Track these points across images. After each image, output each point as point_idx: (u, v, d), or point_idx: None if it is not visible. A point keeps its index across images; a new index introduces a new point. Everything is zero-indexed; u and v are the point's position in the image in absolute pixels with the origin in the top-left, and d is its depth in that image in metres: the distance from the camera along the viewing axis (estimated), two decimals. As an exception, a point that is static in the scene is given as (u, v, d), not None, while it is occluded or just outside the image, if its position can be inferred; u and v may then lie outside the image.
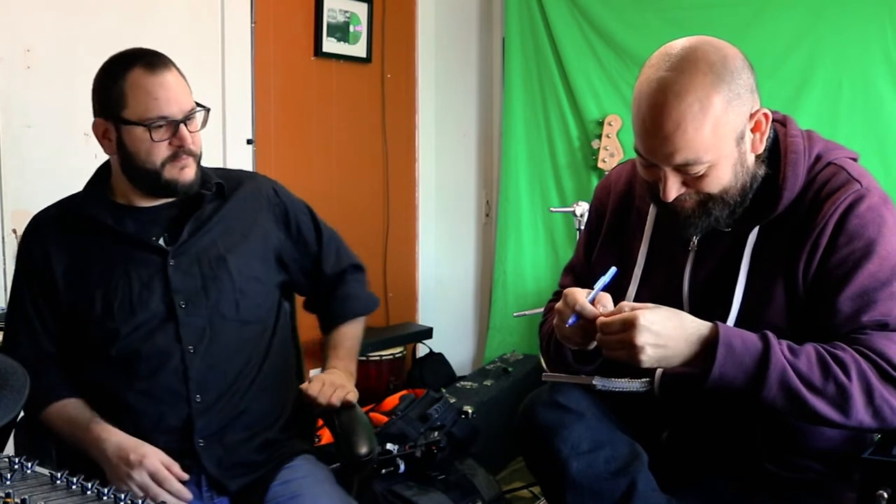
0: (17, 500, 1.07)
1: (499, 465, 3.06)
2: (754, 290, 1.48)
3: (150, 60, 1.66)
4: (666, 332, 1.37)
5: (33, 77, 2.54)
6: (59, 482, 1.17)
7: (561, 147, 3.76)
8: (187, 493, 1.59)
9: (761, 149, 1.47)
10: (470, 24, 4.09)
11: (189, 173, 1.70)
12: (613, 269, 1.51)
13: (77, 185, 1.83)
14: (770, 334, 1.39)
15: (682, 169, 1.42)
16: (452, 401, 2.88)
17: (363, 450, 1.75)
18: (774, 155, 1.50)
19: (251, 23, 3.15)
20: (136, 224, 1.73)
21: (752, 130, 1.45)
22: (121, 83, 1.65)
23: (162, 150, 1.66)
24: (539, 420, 1.52)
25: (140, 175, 1.69)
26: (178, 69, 1.70)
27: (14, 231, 2.48)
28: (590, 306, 1.44)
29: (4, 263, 2.47)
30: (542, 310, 1.82)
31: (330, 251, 1.97)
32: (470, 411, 2.83)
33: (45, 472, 1.19)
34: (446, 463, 2.59)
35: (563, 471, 1.47)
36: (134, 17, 2.75)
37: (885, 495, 1.27)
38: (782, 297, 1.46)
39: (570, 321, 1.45)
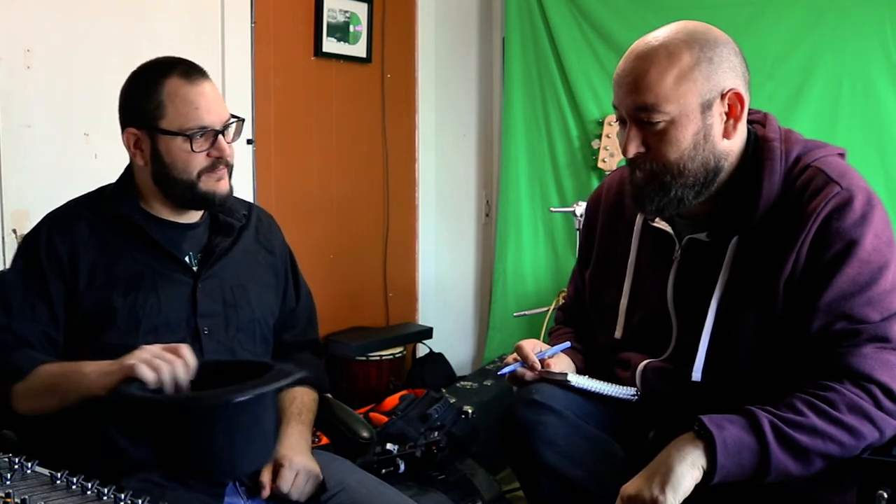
0: (17, 500, 1.07)
1: (499, 465, 3.06)
2: (731, 301, 1.47)
3: (187, 69, 1.63)
4: (643, 476, 1.38)
5: (33, 77, 2.54)
6: (59, 482, 1.16)
7: (561, 147, 3.76)
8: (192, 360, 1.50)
9: (734, 136, 1.46)
10: (470, 24, 4.09)
11: (225, 185, 1.68)
12: (567, 344, 1.67)
13: (77, 185, 1.82)
14: (757, 414, 1.36)
15: (642, 118, 1.43)
16: (452, 401, 2.88)
17: (365, 433, 1.85)
18: (757, 160, 1.49)
19: (251, 23, 3.15)
20: (165, 237, 1.70)
21: (728, 115, 1.45)
22: (158, 92, 1.62)
23: (200, 161, 1.63)
24: (517, 417, 1.55)
25: (175, 186, 1.66)
26: (211, 79, 1.68)
27: (14, 231, 2.48)
28: (526, 370, 1.65)
29: (4, 264, 2.47)
30: (542, 310, 1.86)
31: (303, 313, 1.92)
32: (470, 411, 2.83)
33: (45, 472, 1.19)
34: (446, 463, 2.59)
35: (537, 461, 1.51)
36: (134, 17, 2.75)
37: (885, 495, 1.26)
38: (760, 309, 1.45)
39: (506, 370, 1.64)
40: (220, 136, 1.64)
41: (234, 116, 1.69)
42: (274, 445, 1.54)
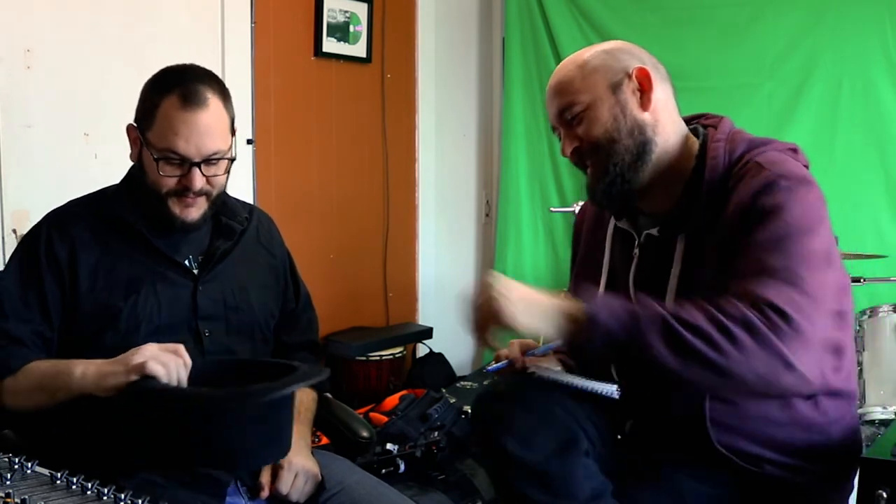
0: (17, 500, 1.07)
1: (499, 465, 3.06)
2: (686, 294, 1.48)
3: (189, 92, 1.60)
4: (521, 287, 1.43)
5: (33, 77, 2.54)
6: (59, 482, 1.16)
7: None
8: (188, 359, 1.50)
9: (650, 107, 1.54)
10: (470, 24, 4.09)
11: (193, 213, 1.66)
12: (557, 342, 1.58)
13: (77, 185, 1.82)
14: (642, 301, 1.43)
15: (567, 117, 1.56)
16: (452, 401, 2.88)
17: (364, 433, 1.86)
18: (702, 159, 1.53)
19: (251, 23, 3.15)
20: (166, 239, 1.69)
21: (641, 91, 1.54)
22: (156, 102, 1.61)
23: (168, 183, 1.63)
24: (480, 410, 1.61)
25: (147, 194, 1.66)
26: (222, 103, 1.65)
27: (14, 231, 2.48)
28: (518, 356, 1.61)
29: (4, 264, 2.47)
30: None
31: (302, 315, 1.92)
32: (470, 411, 2.83)
33: (45, 472, 1.19)
34: (446, 463, 2.59)
35: (501, 450, 1.51)
36: (134, 17, 2.75)
37: (885, 495, 1.27)
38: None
39: (495, 367, 1.62)
40: (195, 169, 1.61)
41: (221, 157, 1.64)
42: (290, 442, 1.54)
